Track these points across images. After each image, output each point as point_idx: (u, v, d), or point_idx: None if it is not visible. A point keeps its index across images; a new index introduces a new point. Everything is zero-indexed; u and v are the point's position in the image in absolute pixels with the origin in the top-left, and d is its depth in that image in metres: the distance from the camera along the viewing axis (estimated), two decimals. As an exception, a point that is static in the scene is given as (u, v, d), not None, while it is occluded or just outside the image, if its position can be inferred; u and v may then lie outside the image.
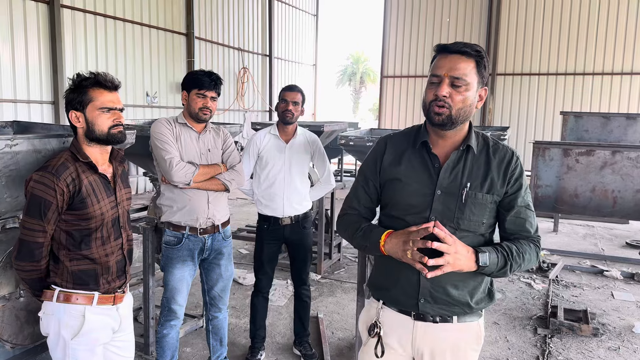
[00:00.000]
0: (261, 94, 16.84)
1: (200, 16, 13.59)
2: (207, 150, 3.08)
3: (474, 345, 1.88)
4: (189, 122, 3.05)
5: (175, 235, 3.06)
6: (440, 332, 1.83)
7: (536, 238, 1.87)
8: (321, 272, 5.82)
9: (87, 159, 2.13)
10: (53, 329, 2.13)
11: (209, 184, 3.02)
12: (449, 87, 1.69)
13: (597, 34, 15.05)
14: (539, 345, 4.17)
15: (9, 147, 2.31)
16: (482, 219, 1.79)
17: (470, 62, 1.70)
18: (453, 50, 1.71)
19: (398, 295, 1.86)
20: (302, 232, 3.67)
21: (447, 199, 1.77)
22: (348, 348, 4.06)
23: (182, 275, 3.09)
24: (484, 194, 1.77)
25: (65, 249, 2.12)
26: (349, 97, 51.18)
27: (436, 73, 1.71)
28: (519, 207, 1.82)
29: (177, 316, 3.16)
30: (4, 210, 2.63)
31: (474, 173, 1.79)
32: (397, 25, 17.72)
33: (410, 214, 1.80)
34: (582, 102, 15.37)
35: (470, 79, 1.70)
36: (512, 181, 1.79)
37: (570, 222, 8.81)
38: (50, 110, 9.70)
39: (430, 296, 1.80)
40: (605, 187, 5.67)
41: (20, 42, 9.05)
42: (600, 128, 8.32)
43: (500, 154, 1.81)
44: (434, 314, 1.82)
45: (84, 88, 2.10)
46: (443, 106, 1.69)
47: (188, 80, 3.01)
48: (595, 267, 6.28)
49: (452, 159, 1.79)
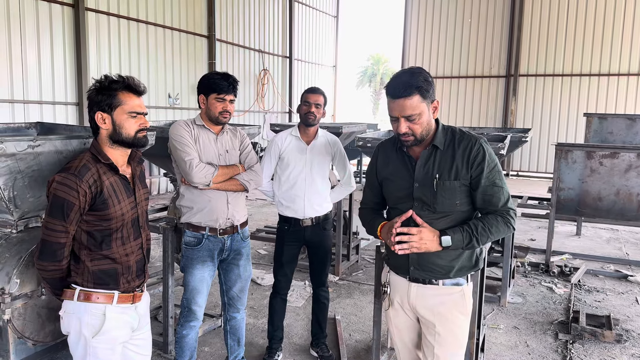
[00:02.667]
0: (281, 95, 16.90)
1: (222, 18, 13.70)
2: (225, 151, 3.10)
3: (459, 307, 2.28)
4: (207, 124, 3.07)
5: (195, 236, 3.09)
6: (428, 291, 2.28)
7: (504, 211, 2.19)
8: (339, 274, 5.81)
9: (109, 161, 2.15)
10: (74, 328, 2.16)
11: (228, 185, 3.03)
12: (406, 123, 2.09)
13: (622, 34, 14.74)
14: (560, 351, 4.09)
15: (31, 148, 2.36)
16: (455, 201, 2.18)
17: (414, 97, 2.05)
18: (397, 96, 2.06)
19: (396, 262, 2.35)
20: (322, 234, 3.67)
21: (424, 189, 2.20)
22: (365, 350, 4.05)
23: (202, 275, 3.12)
24: (452, 181, 2.16)
25: (86, 249, 2.15)
26: (369, 99, 51.04)
27: (392, 115, 2.12)
28: (484, 186, 2.16)
29: (197, 317, 3.18)
30: (27, 210, 2.68)
31: (442, 165, 2.18)
32: (418, 25, 17.62)
33: (400, 203, 2.28)
34: (607, 103, 15.08)
35: (421, 109, 2.08)
36: (475, 165, 2.15)
37: (594, 225, 8.63)
38: (74, 112, 9.89)
39: (417, 264, 2.26)
40: (630, 191, 5.55)
41: (46, 45, 9.24)
42: (626, 130, 8.14)
43: (463, 144, 2.17)
44: (423, 277, 2.27)
45: (114, 91, 2.12)
46: (408, 136, 2.13)
47: (205, 85, 3.01)
48: (620, 272, 6.14)
49: (423, 157, 2.21)
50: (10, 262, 2.54)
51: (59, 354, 2.78)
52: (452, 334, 2.28)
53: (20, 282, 2.51)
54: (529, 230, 8.38)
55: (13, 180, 2.43)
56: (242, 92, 14.97)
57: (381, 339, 3.52)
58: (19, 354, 2.64)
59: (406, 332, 2.44)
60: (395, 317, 2.42)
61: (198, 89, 3.06)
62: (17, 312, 2.54)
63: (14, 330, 2.54)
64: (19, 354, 2.64)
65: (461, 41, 16.87)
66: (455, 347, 2.31)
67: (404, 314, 2.39)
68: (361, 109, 50.31)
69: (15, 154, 2.32)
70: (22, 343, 2.64)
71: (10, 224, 2.69)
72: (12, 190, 2.47)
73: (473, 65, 16.60)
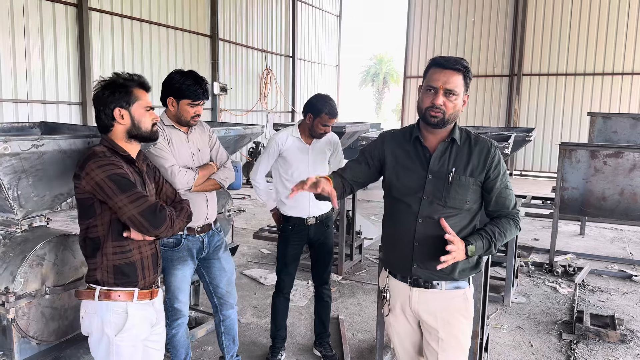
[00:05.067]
0: (284, 95, 16.90)
1: (225, 18, 13.71)
2: (198, 150, 3.09)
3: (462, 311, 2.26)
4: (176, 125, 3.02)
5: (173, 237, 3.04)
6: (430, 295, 2.24)
7: (515, 213, 2.24)
8: (342, 273, 5.80)
9: (125, 152, 2.23)
10: (96, 327, 2.17)
11: (207, 185, 3.04)
12: (443, 97, 2.08)
13: (626, 33, 14.69)
14: (564, 351, 4.08)
15: (35, 147, 2.36)
16: (466, 198, 2.17)
17: (460, 76, 2.09)
18: (448, 67, 2.08)
19: (397, 260, 2.30)
20: (325, 232, 3.69)
21: (437, 182, 2.17)
22: (368, 350, 4.04)
23: (184, 274, 3.09)
24: (467, 177, 2.16)
25: (108, 240, 2.16)
26: (372, 98, 51.05)
27: (433, 85, 2.09)
28: (498, 189, 2.20)
29: (183, 314, 3.15)
30: (31, 209, 2.69)
31: (458, 160, 2.18)
32: (421, 25, 17.59)
33: (407, 195, 2.22)
34: (611, 102, 15.02)
35: (459, 90, 2.10)
36: (492, 168, 2.18)
37: (598, 225, 8.60)
38: (78, 111, 9.91)
39: (421, 262, 2.20)
40: (634, 190, 5.53)
41: (50, 45, 9.26)
42: (630, 129, 8.11)
43: (480, 145, 2.20)
44: (425, 278, 2.22)
45: (129, 88, 2.20)
46: (439, 111, 2.09)
47: (177, 89, 2.88)
48: (624, 271, 6.12)
49: (440, 149, 2.20)
50: (14, 261, 2.55)
51: (63, 353, 2.79)
52: (456, 339, 2.27)
53: (25, 282, 2.52)
54: (532, 230, 8.36)
55: (17, 179, 2.44)
56: (245, 92, 14.99)
57: (384, 339, 3.52)
58: (23, 353, 2.65)
59: (407, 338, 2.42)
60: (395, 322, 2.39)
61: (166, 89, 2.93)
62: (21, 312, 2.54)
63: (18, 329, 2.55)
64: (23, 353, 2.65)
65: (464, 40, 16.83)
66: (459, 352, 2.30)
67: (405, 320, 2.36)
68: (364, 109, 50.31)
69: (19, 153, 2.32)
70: (26, 342, 2.64)
71: (15, 223, 2.70)
72: (16, 189, 2.48)
73: (476, 64, 16.54)
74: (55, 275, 2.66)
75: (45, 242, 2.62)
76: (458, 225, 2.18)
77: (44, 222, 2.84)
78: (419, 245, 2.19)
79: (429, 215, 2.17)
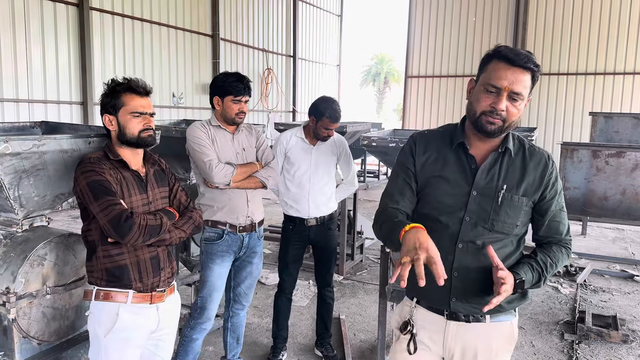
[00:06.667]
0: (285, 94, 16.89)
1: (226, 18, 13.71)
2: (242, 150, 3.12)
3: (506, 345, 1.90)
4: (223, 125, 3.09)
5: (215, 231, 3.09)
6: (472, 331, 1.84)
7: (568, 240, 1.88)
8: (343, 274, 5.80)
9: (117, 157, 2.23)
10: (91, 326, 2.21)
11: (247, 183, 3.05)
12: (507, 101, 1.68)
13: (628, 32, 14.66)
14: (566, 351, 4.07)
15: (36, 147, 2.36)
16: (517, 222, 1.79)
17: (529, 75, 1.69)
18: (517, 64, 1.67)
19: (431, 292, 1.82)
20: (327, 234, 3.67)
21: (483, 200, 1.78)
22: (370, 350, 4.04)
23: (221, 271, 3.12)
24: (520, 197, 1.78)
25: (101, 244, 2.18)
26: (373, 98, 51.03)
27: (496, 84, 1.68)
28: (554, 211, 1.83)
29: (209, 317, 3.14)
30: (32, 209, 2.68)
31: (510, 175, 1.79)
32: (422, 24, 17.57)
33: (444, 213, 1.81)
34: (612, 102, 15.01)
35: (526, 93, 1.70)
36: (550, 186, 1.81)
37: (600, 225, 8.59)
38: (79, 111, 9.91)
39: (462, 295, 1.81)
40: (636, 190, 5.51)
41: (51, 44, 9.26)
42: (632, 129, 8.08)
43: (536, 158, 1.81)
44: (466, 312, 1.83)
45: (117, 93, 2.21)
46: (498, 118, 1.69)
47: (220, 87, 3.02)
48: (626, 271, 6.11)
49: (489, 161, 1.79)
50: (15, 261, 2.54)
51: (64, 354, 2.78)
52: None
53: (25, 282, 2.51)
54: (534, 230, 8.34)
55: (18, 179, 2.43)
56: (246, 91, 14.96)
57: (386, 339, 3.51)
58: (24, 353, 2.64)
59: None
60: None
61: (212, 90, 3.06)
62: (22, 312, 2.53)
63: (19, 329, 2.54)
64: (24, 353, 2.64)
65: (465, 40, 16.81)
66: None
67: (430, 356, 1.91)
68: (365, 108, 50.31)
69: (20, 153, 2.31)
70: (27, 342, 2.63)
71: (16, 223, 2.69)
72: (17, 189, 2.47)
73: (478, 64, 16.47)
74: (56, 275, 2.65)
75: (46, 242, 2.61)
76: (504, 252, 1.80)
77: (45, 222, 2.83)
78: (458, 276, 1.80)
79: (472, 240, 1.77)
